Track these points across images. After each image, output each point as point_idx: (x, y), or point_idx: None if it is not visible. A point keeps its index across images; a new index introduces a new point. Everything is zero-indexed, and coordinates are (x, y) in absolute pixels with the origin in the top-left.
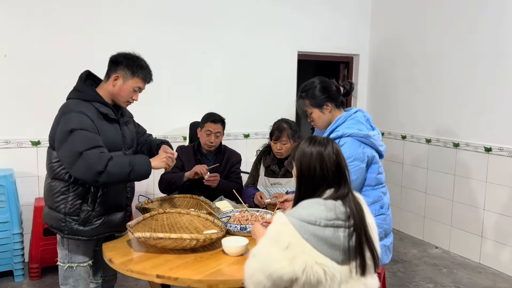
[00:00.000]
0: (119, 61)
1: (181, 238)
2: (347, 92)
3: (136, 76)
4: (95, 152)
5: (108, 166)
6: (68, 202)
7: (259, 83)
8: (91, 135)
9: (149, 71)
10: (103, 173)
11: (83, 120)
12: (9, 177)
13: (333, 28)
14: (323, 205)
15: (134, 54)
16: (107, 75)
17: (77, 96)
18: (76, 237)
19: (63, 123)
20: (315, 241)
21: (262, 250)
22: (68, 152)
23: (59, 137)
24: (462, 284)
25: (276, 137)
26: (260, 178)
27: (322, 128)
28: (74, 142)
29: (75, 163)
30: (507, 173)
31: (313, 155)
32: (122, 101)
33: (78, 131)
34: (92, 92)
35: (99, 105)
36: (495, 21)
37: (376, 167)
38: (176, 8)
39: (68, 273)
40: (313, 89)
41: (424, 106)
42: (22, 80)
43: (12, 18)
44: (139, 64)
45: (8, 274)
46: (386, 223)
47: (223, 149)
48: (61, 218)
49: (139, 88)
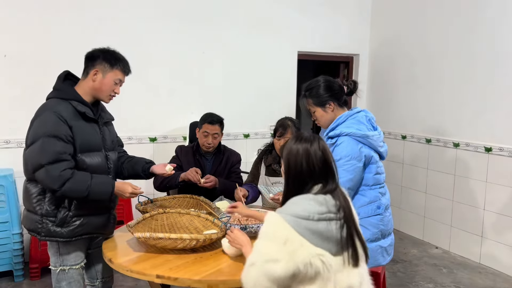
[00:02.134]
0: (96, 56)
1: (181, 238)
2: (350, 91)
3: (116, 68)
4: (56, 167)
5: (64, 186)
6: (45, 204)
7: (259, 83)
8: (60, 146)
9: (127, 62)
10: (57, 192)
11: (56, 125)
12: (9, 177)
13: (333, 28)
14: (314, 200)
15: (110, 48)
16: (85, 72)
17: (56, 95)
18: (54, 238)
19: (38, 123)
20: (309, 235)
21: (260, 254)
22: (32, 159)
23: (30, 136)
24: (462, 284)
25: (280, 134)
26: (261, 177)
27: (325, 126)
28: (40, 151)
29: (36, 171)
30: (507, 173)
31: (299, 152)
32: (104, 95)
33: (48, 138)
34: (70, 91)
35: (77, 103)
36: (495, 21)
37: (374, 167)
38: (176, 8)
39: (61, 276)
40: (316, 88)
41: (424, 106)
42: (22, 80)
43: (12, 18)
44: (116, 56)
45: (8, 274)
46: (382, 224)
47: (222, 149)
48: (38, 220)
49: (120, 80)
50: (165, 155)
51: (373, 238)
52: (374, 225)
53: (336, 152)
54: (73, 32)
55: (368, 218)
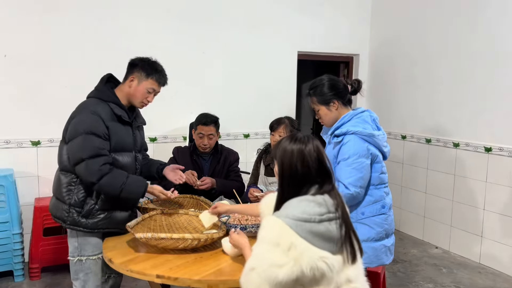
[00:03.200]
0: (136, 64)
1: (183, 238)
2: (355, 90)
3: (150, 78)
4: (96, 162)
5: (102, 180)
6: (74, 194)
7: (259, 83)
8: (98, 142)
9: (164, 74)
10: (95, 185)
11: (95, 123)
12: (9, 177)
13: (333, 28)
14: (313, 201)
15: (151, 58)
16: (125, 77)
17: (96, 95)
18: (78, 228)
19: (77, 120)
20: (311, 238)
21: (262, 260)
22: (73, 153)
23: (71, 132)
24: (462, 284)
25: (273, 128)
26: (260, 177)
27: (329, 125)
28: (80, 146)
29: (76, 165)
30: (507, 173)
31: (294, 153)
32: (137, 101)
33: (88, 135)
34: (110, 93)
35: (114, 106)
36: (495, 21)
37: (379, 166)
38: (176, 8)
39: (78, 267)
40: (321, 86)
41: (424, 106)
42: (22, 80)
43: (12, 18)
44: (154, 67)
45: (8, 274)
46: (387, 223)
47: (219, 149)
48: (66, 209)
49: (153, 90)
50: (165, 155)
51: (377, 238)
52: (379, 224)
53: (343, 151)
54: (73, 32)
55: (373, 217)
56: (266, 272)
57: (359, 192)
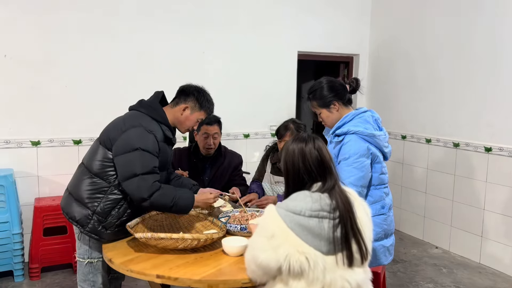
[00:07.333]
0: (190, 93)
1: (183, 238)
2: (353, 89)
3: (203, 109)
4: (149, 178)
5: (153, 196)
6: (101, 202)
7: (259, 83)
8: (152, 159)
9: (213, 104)
10: (146, 201)
11: (152, 142)
12: (9, 177)
13: (333, 28)
14: (309, 196)
15: (203, 87)
16: (175, 102)
17: (149, 113)
18: (96, 236)
19: (133, 136)
20: (299, 230)
21: (253, 241)
22: (126, 167)
23: (122, 145)
24: (462, 284)
25: (279, 136)
26: (266, 174)
27: (332, 127)
28: (135, 161)
29: (128, 179)
30: (507, 173)
31: (295, 152)
32: (184, 128)
33: (143, 152)
34: (163, 115)
35: (166, 128)
36: (495, 21)
37: (379, 166)
38: (176, 8)
39: (88, 269)
40: (320, 90)
41: (424, 106)
42: (22, 80)
43: (12, 18)
44: (207, 98)
45: (8, 274)
46: (386, 224)
47: (223, 152)
48: (88, 215)
49: (202, 119)
50: None
51: (376, 238)
52: (378, 225)
53: (344, 150)
54: (73, 32)
55: (372, 217)
56: (253, 252)
57: (361, 192)
